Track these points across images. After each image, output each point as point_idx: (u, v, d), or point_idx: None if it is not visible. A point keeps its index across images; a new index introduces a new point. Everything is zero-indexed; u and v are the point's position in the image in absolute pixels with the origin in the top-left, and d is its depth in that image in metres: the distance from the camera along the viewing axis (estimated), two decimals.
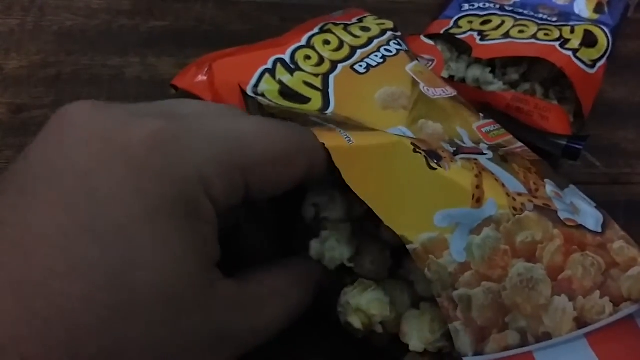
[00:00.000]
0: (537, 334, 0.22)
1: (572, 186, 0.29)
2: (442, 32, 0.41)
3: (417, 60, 0.35)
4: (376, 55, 0.34)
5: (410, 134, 0.29)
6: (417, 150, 0.25)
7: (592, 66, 0.37)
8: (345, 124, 0.27)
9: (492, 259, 0.23)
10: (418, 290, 0.25)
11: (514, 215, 0.24)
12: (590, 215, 0.26)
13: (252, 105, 0.31)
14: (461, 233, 0.23)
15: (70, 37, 0.41)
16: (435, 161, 0.25)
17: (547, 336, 0.22)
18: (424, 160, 0.25)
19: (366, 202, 0.23)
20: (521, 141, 0.33)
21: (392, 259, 0.26)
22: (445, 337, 0.23)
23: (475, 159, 0.27)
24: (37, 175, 0.17)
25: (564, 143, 0.35)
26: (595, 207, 0.27)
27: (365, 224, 0.26)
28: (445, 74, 0.39)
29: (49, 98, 0.37)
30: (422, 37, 0.41)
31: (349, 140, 0.24)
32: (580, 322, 0.23)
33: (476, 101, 0.36)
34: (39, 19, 0.41)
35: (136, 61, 0.40)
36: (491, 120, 0.33)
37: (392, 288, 0.25)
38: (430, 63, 0.39)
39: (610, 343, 0.23)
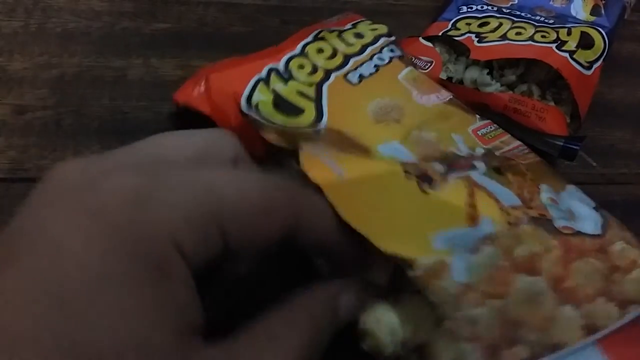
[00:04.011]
0: (548, 345, 0.22)
1: (569, 187, 0.29)
2: (440, 34, 0.41)
3: (412, 65, 0.35)
4: (369, 65, 0.34)
5: (403, 149, 0.29)
6: (409, 175, 0.26)
7: (589, 67, 0.38)
8: (338, 148, 0.27)
9: (493, 276, 0.23)
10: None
11: (510, 230, 0.24)
12: (588, 219, 0.26)
13: (252, 121, 0.31)
14: (460, 254, 0.23)
15: (73, 38, 0.41)
16: (427, 184, 0.25)
17: (558, 347, 0.22)
18: (416, 184, 0.25)
19: (363, 233, 0.23)
20: (515, 139, 0.33)
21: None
22: None
23: (468, 176, 0.27)
24: (14, 244, 0.17)
25: (561, 144, 0.36)
26: (594, 207, 0.28)
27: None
28: (443, 76, 0.39)
29: (52, 99, 0.37)
30: (420, 39, 0.41)
31: (340, 174, 0.25)
32: (589, 329, 0.23)
33: (474, 102, 0.37)
34: (42, 20, 0.42)
35: (139, 63, 0.40)
36: (488, 122, 0.33)
37: (415, 306, 0.25)
38: (429, 65, 0.39)
39: (622, 346, 0.23)
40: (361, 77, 0.33)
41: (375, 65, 0.34)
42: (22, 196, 0.32)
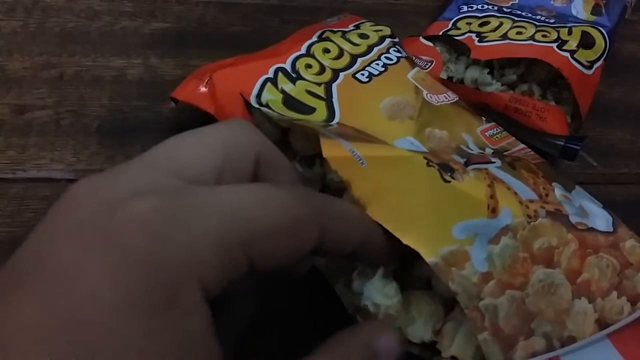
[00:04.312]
0: (562, 338, 0.23)
1: (578, 187, 0.29)
2: (440, 33, 0.41)
3: (418, 66, 0.36)
4: (377, 64, 0.34)
5: (418, 144, 0.29)
6: (430, 164, 0.26)
7: (589, 67, 0.38)
8: (355, 138, 0.27)
9: (512, 267, 0.23)
10: (440, 292, 0.25)
11: (529, 222, 0.25)
12: (599, 217, 0.27)
13: (258, 116, 0.31)
14: (480, 243, 0.23)
15: (73, 38, 0.41)
16: (449, 174, 0.25)
17: (572, 339, 0.23)
18: (438, 173, 0.25)
19: (381, 222, 0.23)
20: (520, 142, 0.33)
21: (400, 262, 0.26)
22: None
23: (486, 169, 0.27)
24: (26, 268, 0.16)
25: (562, 143, 0.36)
26: (603, 207, 0.28)
27: None
28: (444, 75, 0.39)
29: (51, 99, 0.37)
30: (421, 39, 0.41)
31: (362, 163, 0.25)
32: (601, 323, 0.23)
33: (475, 102, 0.36)
34: (41, 20, 0.42)
35: (138, 62, 0.40)
36: (493, 124, 0.33)
37: (422, 300, 0.25)
38: (429, 64, 0.39)
39: (633, 341, 0.23)
40: (371, 75, 0.33)
41: (383, 65, 0.34)
42: (21, 196, 0.33)
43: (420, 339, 0.24)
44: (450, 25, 0.42)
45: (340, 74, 0.33)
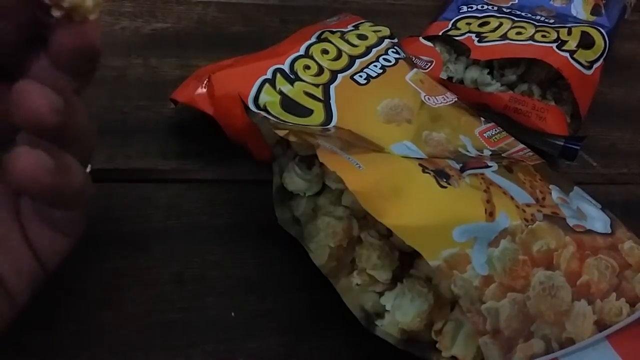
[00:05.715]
0: (561, 340, 0.23)
1: (576, 188, 0.29)
2: (440, 33, 0.41)
3: (417, 66, 0.36)
4: (375, 65, 0.34)
5: (415, 149, 0.29)
6: (426, 170, 0.26)
7: (589, 67, 0.38)
8: (352, 144, 0.27)
9: (513, 269, 0.23)
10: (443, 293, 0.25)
11: (527, 226, 0.25)
12: (597, 219, 0.27)
13: (257, 119, 0.31)
14: (480, 246, 0.24)
15: None
16: (445, 180, 0.26)
17: (571, 342, 0.23)
18: (434, 180, 0.25)
19: (388, 226, 0.23)
20: (519, 142, 0.33)
21: (399, 262, 0.26)
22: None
23: (482, 174, 0.27)
24: None
25: (561, 143, 0.36)
26: (601, 209, 0.28)
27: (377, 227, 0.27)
28: (443, 75, 0.39)
29: None
30: (421, 39, 0.41)
31: (359, 167, 0.25)
32: (600, 325, 0.23)
33: (474, 102, 0.36)
34: None
35: (138, 62, 0.40)
36: (492, 124, 0.33)
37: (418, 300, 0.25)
38: (429, 64, 0.39)
39: (632, 342, 0.23)
40: (368, 77, 0.33)
41: (382, 67, 0.34)
42: None
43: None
44: (450, 26, 0.42)
45: (339, 75, 0.33)
